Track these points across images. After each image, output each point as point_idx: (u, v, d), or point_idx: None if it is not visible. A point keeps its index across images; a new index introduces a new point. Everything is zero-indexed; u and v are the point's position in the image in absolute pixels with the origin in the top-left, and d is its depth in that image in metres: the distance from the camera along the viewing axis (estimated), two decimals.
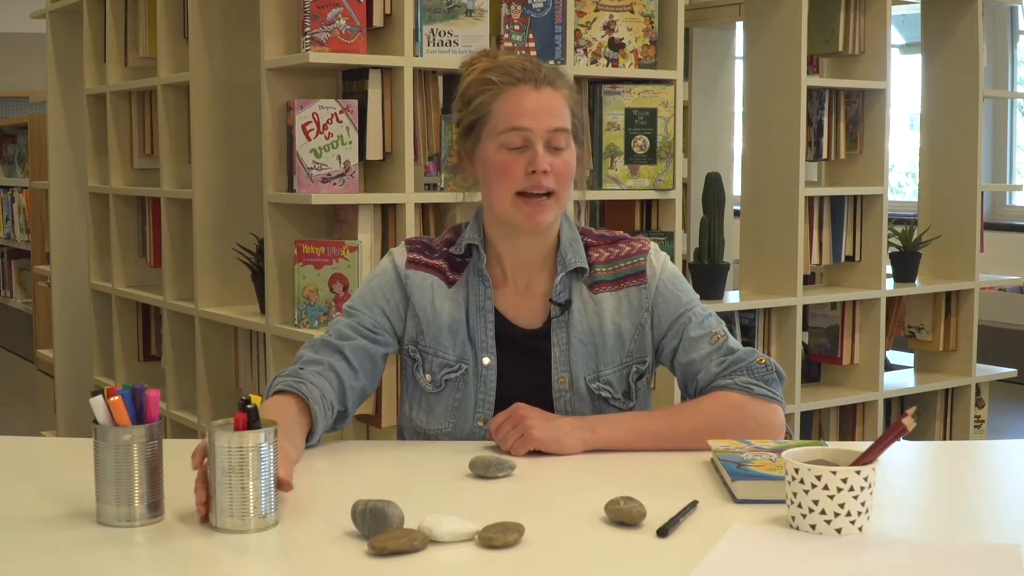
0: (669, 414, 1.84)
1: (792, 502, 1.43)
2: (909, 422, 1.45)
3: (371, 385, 1.91)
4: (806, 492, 1.40)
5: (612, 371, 1.90)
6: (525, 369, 1.90)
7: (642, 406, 1.93)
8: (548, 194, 1.82)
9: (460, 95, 1.91)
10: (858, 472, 1.39)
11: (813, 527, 1.40)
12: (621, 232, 2.00)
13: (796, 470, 1.41)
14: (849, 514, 1.39)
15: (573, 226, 1.93)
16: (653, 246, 1.94)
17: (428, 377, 1.90)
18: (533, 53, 3.12)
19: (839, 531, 1.40)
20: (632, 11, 3.31)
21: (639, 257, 1.92)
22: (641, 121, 3.30)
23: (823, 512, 1.40)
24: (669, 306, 1.90)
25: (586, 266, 1.90)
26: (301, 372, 1.81)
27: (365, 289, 1.95)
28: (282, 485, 1.47)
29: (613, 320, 1.90)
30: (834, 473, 1.39)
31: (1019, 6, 6.61)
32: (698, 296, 1.95)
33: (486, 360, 1.89)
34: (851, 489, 1.39)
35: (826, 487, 1.39)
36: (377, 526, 1.37)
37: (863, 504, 1.40)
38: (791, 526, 1.43)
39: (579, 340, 1.89)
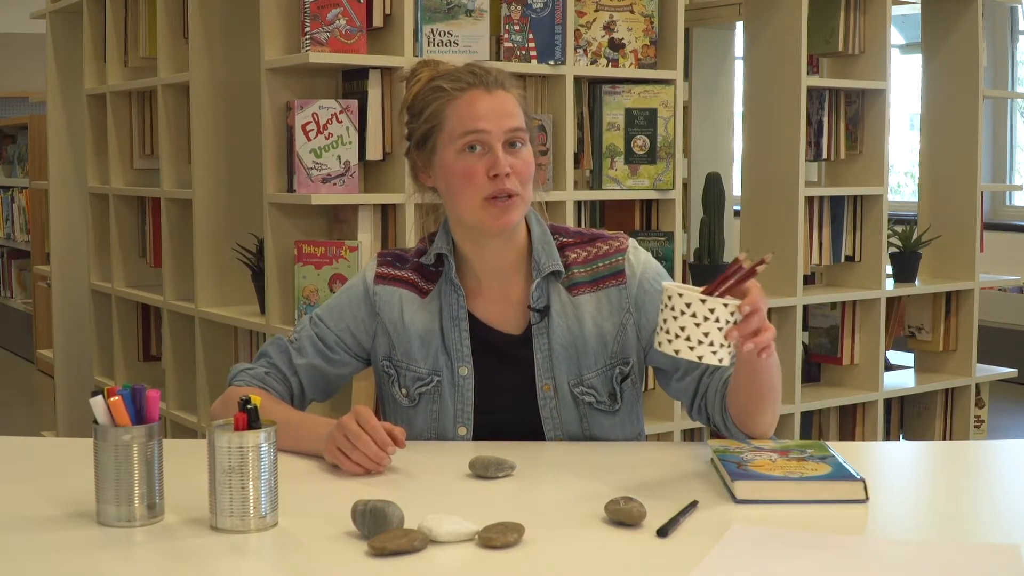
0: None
1: (661, 327, 1.53)
2: (744, 260, 1.55)
3: (322, 398, 1.99)
4: (675, 319, 1.50)
5: (595, 374, 1.86)
6: (507, 376, 1.87)
7: (629, 409, 1.90)
8: (511, 195, 1.79)
9: (408, 108, 1.88)
10: (725, 305, 1.49)
11: (677, 352, 1.51)
12: (598, 230, 1.96)
13: (669, 297, 1.51)
14: (712, 344, 1.49)
15: (544, 227, 1.90)
16: (631, 243, 1.91)
17: (403, 392, 1.89)
18: (533, 53, 3.13)
19: (700, 359, 1.50)
20: (632, 11, 3.31)
21: (617, 256, 1.88)
22: (641, 121, 3.30)
23: (688, 339, 1.50)
24: (656, 302, 1.85)
25: (561, 268, 1.87)
26: (266, 378, 1.91)
27: (335, 301, 1.95)
28: (396, 439, 1.67)
29: (594, 322, 1.86)
30: (680, 295, 1.49)
31: (1019, 6, 6.61)
32: None
33: (463, 370, 1.87)
34: (716, 320, 1.49)
35: (694, 315, 1.49)
36: (377, 526, 1.37)
37: (706, 334, 1.49)
38: (656, 346, 1.54)
39: (560, 345, 1.86)
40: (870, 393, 3.90)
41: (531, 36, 3.13)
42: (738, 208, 4.07)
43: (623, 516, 1.43)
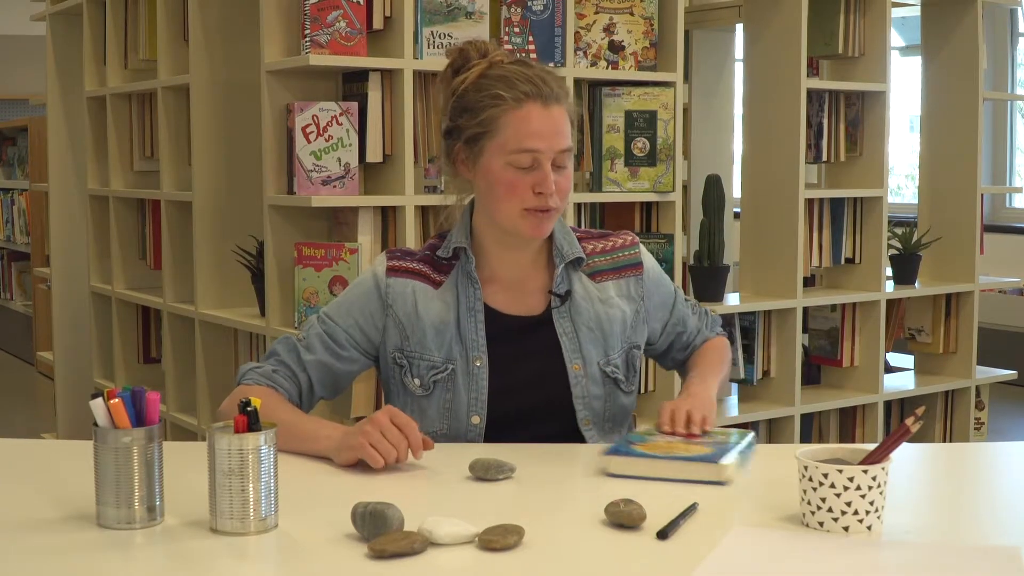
0: (711, 363, 2.05)
1: (803, 499, 1.44)
2: (912, 423, 1.45)
3: (330, 395, 1.99)
4: (814, 490, 1.42)
5: (617, 354, 1.95)
6: (523, 359, 1.92)
7: (635, 390, 2.02)
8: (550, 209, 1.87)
9: (458, 97, 1.87)
10: (865, 471, 1.40)
11: (821, 524, 1.42)
12: (602, 230, 2.10)
13: (805, 467, 1.43)
14: (856, 512, 1.41)
15: (563, 222, 1.97)
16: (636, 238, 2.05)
17: (417, 381, 1.91)
18: (533, 56, 3.12)
19: (846, 529, 1.41)
20: (632, 13, 3.31)
21: (633, 249, 2.01)
22: (641, 123, 3.30)
23: (830, 510, 1.41)
24: (663, 296, 2.04)
25: (583, 255, 1.95)
26: (274, 376, 1.90)
27: (344, 299, 1.96)
28: (427, 443, 1.70)
29: (619, 306, 1.96)
30: (840, 471, 1.40)
31: (1019, 8, 6.61)
32: None
33: (478, 361, 1.90)
34: (858, 488, 1.40)
35: (832, 485, 1.41)
36: (377, 528, 1.37)
37: (871, 503, 1.41)
38: (802, 523, 1.44)
39: (587, 327, 1.93)
40: (870, 395, 3.90)
41: (531, 38, 3.13)
42: (738, 210, 4.07)
43: (623, 518, 1.43)
